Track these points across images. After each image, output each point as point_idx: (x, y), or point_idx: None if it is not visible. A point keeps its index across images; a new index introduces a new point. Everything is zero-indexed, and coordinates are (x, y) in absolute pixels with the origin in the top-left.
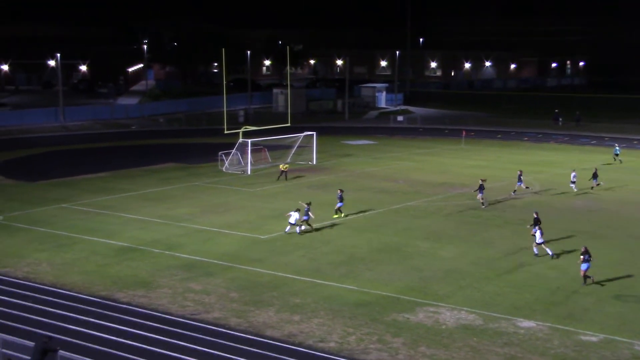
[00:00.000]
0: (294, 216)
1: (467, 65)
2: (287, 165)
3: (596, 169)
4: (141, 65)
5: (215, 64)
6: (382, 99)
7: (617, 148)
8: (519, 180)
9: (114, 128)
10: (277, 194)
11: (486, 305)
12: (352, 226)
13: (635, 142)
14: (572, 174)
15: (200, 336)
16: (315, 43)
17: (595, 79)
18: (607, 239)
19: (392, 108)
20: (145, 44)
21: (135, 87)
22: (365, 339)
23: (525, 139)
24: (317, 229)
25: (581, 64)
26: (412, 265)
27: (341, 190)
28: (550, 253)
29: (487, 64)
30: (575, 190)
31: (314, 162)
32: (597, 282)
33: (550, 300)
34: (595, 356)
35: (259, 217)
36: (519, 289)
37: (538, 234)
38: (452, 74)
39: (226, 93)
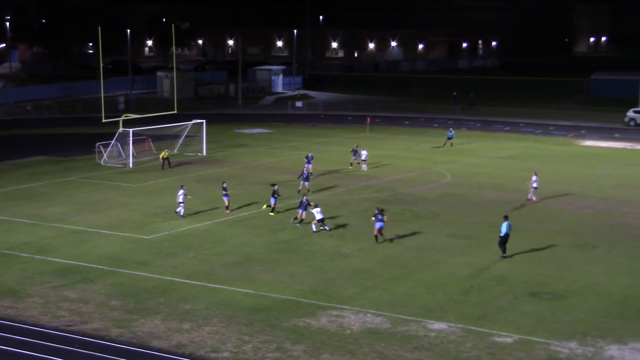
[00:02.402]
0: (180, 194)
1: (372, 46)
2: (167, 152)
3: (357, 146)
4: (3, 45)
5: (91, 44)
6: (279, 83)
7: (452, 132)
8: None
9: None
10: (163, 189)
11: (394, 307)
12: (248, 224)
13: (551, 127)
14: (364, 153)
15: (77, 350)
16: (204, 21)
17: (509, 60)
18: (524, 232)
19: (290, 93)
20: (7, 20)
21: None
22: (262, 347)
23: (435, 125)
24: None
25: (494, 44)
26: (313, 266)
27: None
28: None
29: (393, 44)
30: (364, 168)
31: (204, 154)
32: (390, 239)
33: (463, 300)
34: (510, 358)
35: (143, 215)
36: (430, 289)
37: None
38: (356, 55)
39: (103, 77)
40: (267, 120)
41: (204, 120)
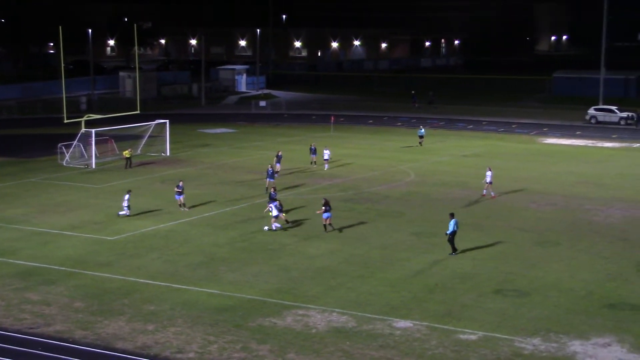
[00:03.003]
0: (126, 198)
1: (335, 45)
2: (130, 151)
3: (314, 145)
4: None
5: (52, 44)
6: (243, 83)
7: (422, 130)
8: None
9: None
10: (127, 190)
11: (359, 305)
12: (213, 223)
13: (514, 125)
14: (326, 153)
15: (40, 352)
16: (166, 20)
17: (471, 59)
18: (488, 230)
19: (254, 92)
20: None
21: None
22: (228, 347)
23: (399, 124)
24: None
25: (456, 42)
26: (278, 265)
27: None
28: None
29: (357, 43)
30: (326, 168)
31: (168, 154)
32: (338, 229)
33: (428, 297)
34: (475, 355)
35: (107, 216)
36: (395, 287)
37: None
38: (319, 54)
39: (65, 77)
40: (231, 120)
41: (167, 120)
